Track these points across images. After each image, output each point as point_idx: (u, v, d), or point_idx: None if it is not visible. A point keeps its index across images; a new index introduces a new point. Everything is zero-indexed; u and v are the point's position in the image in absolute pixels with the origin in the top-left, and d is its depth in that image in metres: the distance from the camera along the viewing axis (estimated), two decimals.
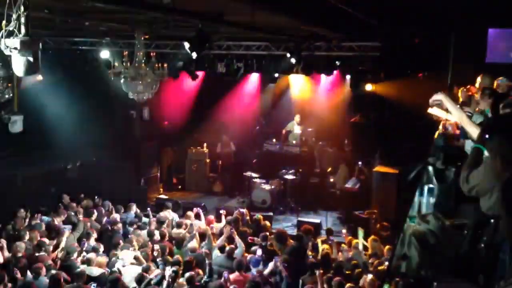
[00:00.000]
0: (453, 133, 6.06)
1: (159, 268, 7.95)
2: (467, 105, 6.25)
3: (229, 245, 8.70)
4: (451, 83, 8.62)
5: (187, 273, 7.53)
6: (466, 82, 6.97)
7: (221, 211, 10.93)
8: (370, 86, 11.69)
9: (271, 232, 9.71)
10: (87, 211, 10.49)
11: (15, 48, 4.17)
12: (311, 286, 7.25)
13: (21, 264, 7.77)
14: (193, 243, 8.94)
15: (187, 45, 8.56)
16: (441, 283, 3.30)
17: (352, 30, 9.64)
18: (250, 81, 14.96)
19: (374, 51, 10.78)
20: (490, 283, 3.22)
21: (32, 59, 4.24)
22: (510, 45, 8.08)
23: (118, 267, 7.89)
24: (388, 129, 12.35)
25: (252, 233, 9.67)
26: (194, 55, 8.74)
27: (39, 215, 10.05)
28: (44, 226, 9.56)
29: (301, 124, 14.34)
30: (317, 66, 11.47)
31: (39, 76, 11.46)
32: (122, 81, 9.50)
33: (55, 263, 8.24)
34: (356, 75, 11.57)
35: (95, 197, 11.41)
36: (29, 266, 7.73)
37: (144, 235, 9.50)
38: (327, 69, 11.64)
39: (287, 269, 7.76)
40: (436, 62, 9.98)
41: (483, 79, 6.10)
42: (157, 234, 9.42)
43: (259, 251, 8.55)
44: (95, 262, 7.95)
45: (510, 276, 3.04)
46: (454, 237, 3.66)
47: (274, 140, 14.42)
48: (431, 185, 6.56)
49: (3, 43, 4.20)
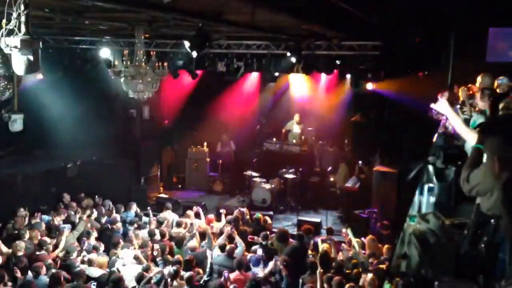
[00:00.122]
0: (453, 133, 6.05)
1: (159, 268, 7.95)
2: (466, 104, 6.24)
3: (229, 244, 8.70)
4: (451, 83, 8.60)
5: (187, 272, 7.53)
6: (467, 81, 6.96)
7: (221, 210, 10.94)
8: (371, 85, 11.70)
9: (271, 231, 9.71)
10: (87, 210, 10.49)
11: (15, 47, 4.17)
12: (311, 286, 7.25)
13: (21, 263, 7.77)
14: (193, 242, 8.94)
15: (187, 44, 8.56)
16: (441, 282, 3.30)
17: (352, 29, 9.63)
18: (250, 80, 14.94)
19: (374, 50, 10.78)
20: (490, 283, 3.22)
21: (32, 58, 4.24)
22: (510, 44, 8.06)
23: (118, 267, 7.89)
24: (388, 128, 12.34)
25: (252, 232, 9.67)
26: (194, 54, 8.75)
27: (39, 214, 10.04)
28: (44, 225, 9.57)
29: (300, 123, 14.34)
30: (317, 65, 11.45)
31: (39, 75, 11.47)
32: (122, 80, 9.48)
33: (55, 262, 8.25)
34: (356, 74, 11.56)
35: (95, 196, 11.41)
36: (29, 265, 7.74)
37: (144, 234, 9.50)
38: (328, 68, 11.62)
39: (287, 269, 7.76)
40: (437, 61, 9.95)
41: (483, 78, 6.08)
42: (157, 233, 9.42)
43: (259, 250, 8.55)
44: (95, 262, 7.95)
45: (511, 276, 3.04)
46: (454, 236, 3.66)
47: (274, 139, 14.42)
48: (431, 184, 6.55)
49: (3, 41, 4.19)
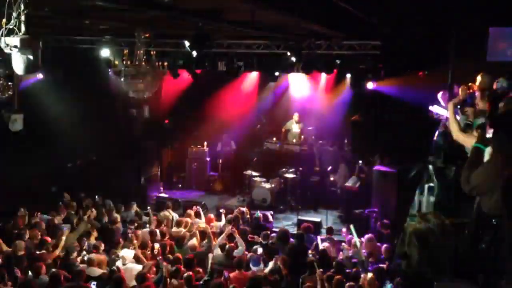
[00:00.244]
0: None
1: (160, 267, 7.95)
2: (467, 105, 6.23)
3: (229, 243, 8.70)
4: (451, 82, 8.60)
5: (187, 272, 7.53)
6: (467, 81, 6.96)
7: (220, 210, 10.94)
8: (371, 85, 11.69)
9: (272, 230, 9.71)
10: (87, 210, 10.49)
11: (15, 47, 4.17)
12: (310, 285, 7.24)
13: (21, 263, 7.77)
14: (193, 241, 8.95)
15: (187, 43, 8.57)
16: (441, 282, 3.30)
17: (352, 29, 9.63)
18: (250, 80, 14.94)
19: (374, 49, 10.77)
20: (490, 282, 3.22)
21: (32, 58, 4.23)
22: (510, 44, 8.04)
23: (118, 266, 7.89)
24: (388, 127, 12.33)
25: (252, 231, 9.67)
26: (194, 53, 8.75)
27: (39, 214, 10.05)
28: (44, 225, 9.57)
29: (299, 123, 14.34)
30: (317, 65, 11.45)
31: (39, 74, 11.48)
32: (122, 79, 9.49)
33: (55, 262, 8.24)
34: (356, 74, 11.55)
35: (96, 196, 11.41)
36: (29, 264, 7.74)
37: (144, 234, 9.50)
38: (328, 67, 11.61)
39: (287, 268, 7.75)
40: (437, 61, 9.95)
41: (483, 78, 6.08)
42: (157, 233, 9.42)
43: (259, 250, 8.55)
44: (95, 261, 7.94)
45: (511, 275, 3.04)
46: (454, 236, 3.66)
47: (274, 138, 14.41)
48: (431, 184, 6.57)
49: (3, 41, 4.19)
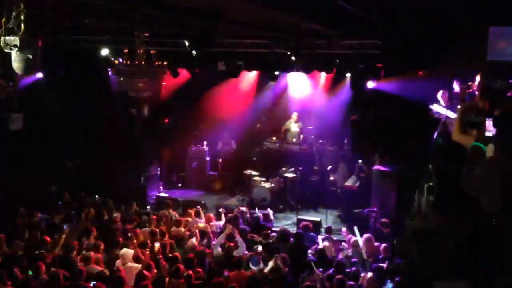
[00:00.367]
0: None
1: (159, 266, 7.94)
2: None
3: (229, 243, 8.70)
4: (451, 82, 8.60)
5: (187, 271, 7.52)
6: (467, 81, 6.97)
7: (220, 209, 10.93)
8: (371, 84, 11.68)
9: (272, 230, 9.70)
10: (87, 209, 10.48)
11: (15, 46, 4.17)
12: (310, 284, 7.25)
13: (21, 262, 7.77)
14: (193, 241, 8.95)
15: (187, 42, 8.56)
16: (441, 281, 3.30)
17: (352, 28, 9.63)
18: (250, 79, 14.93)
19: (374, 49, 10.76)
20: (490, 282, 3.22)
21: (31, 57, 4.23)
22: (510, 43, 8.04)
23: (118, 266, 7.88)
24: (388, 127, 12.31)
25: (252, 231, 9.66)
26: (194, 52, 8.75)
27: (38, 213, 10.04)
28: (44, 224, 9.56)
29: (298, 122, 14.33)
30: (317, 64, 11.46)
31: (38, 74, 11.47)
32: (122, 78, 9.48)
33: (54, 261, 8.24)
34: (356, 73, 11.54)
35: (96, 195, 11.40)
36: (29, 264, 7.73)
37: (144, 233, 9.49)
38: (327, 67, 11.62)
39: (287, 267, 7.76)
40: (437, 60, 9.96)
41: (483, 78, 6.09)
42: (157, 232, 9.41)
43: (259, 249, 8.55)
44: (94, 261, 7.94)
45: (510, 275, 3.04)
46: (454, 236, 3.66)
47: (274, 138, 14.40)
48: (431, 184, 6.56)
49: (2, 41, 4.19)
